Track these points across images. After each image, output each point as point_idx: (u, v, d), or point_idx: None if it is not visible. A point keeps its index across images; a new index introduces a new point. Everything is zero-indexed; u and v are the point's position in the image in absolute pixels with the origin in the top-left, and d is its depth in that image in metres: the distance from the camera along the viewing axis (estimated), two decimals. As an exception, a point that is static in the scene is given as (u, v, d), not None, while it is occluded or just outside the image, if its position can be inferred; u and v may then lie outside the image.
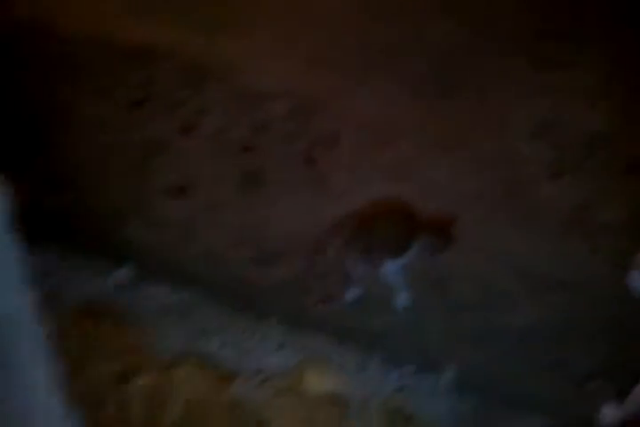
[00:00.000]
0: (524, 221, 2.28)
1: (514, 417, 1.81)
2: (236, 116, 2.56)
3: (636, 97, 2.75)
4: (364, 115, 2.60)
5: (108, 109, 2.57)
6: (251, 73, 2.71)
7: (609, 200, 2.35)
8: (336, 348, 1.91)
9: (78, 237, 2.22)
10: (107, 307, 2.01)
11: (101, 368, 1.83)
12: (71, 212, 2.29)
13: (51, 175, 2.38)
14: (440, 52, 2.89)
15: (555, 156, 2.50)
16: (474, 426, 1.81)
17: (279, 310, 2.00)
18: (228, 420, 1.79)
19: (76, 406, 0.96)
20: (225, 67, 2.72)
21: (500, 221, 2.28)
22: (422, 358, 1.90)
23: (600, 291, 2.08)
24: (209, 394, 1.80)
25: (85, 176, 2.40)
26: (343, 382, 1.81)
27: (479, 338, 1.94)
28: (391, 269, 1.94)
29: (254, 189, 2.33)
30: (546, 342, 1.96)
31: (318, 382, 1.82)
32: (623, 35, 2.87)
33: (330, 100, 2.64)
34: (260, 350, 1.92)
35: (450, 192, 2.36)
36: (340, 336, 1.93)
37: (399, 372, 1.84)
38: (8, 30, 2.70)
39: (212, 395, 1.80)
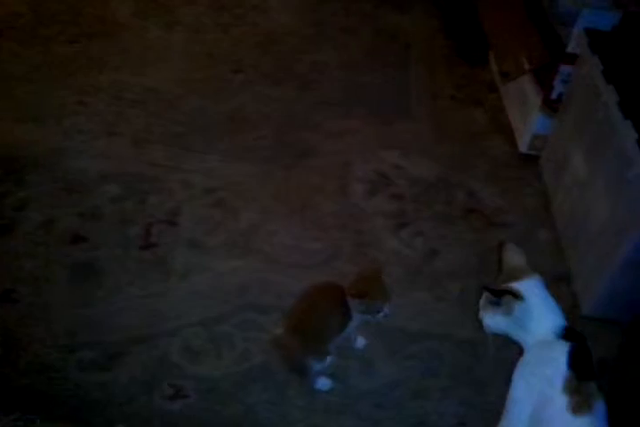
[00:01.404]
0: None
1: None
2: (63, 205, 2.39)
3: (466, 143, 2.91)
4: (201, 186, 2.54)
5: None
6: (75, 157, 2.59)
7: (452, 246, 2.40)
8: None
9: None
10: None
11: None
12: None
13: None
14: (278, 119, 2.93)
15: (396, 208, 2.55)
16: None
17: (126, 415, 1.81)
18: None
19: None
20: (47, 154, 2.58)
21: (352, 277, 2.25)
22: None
23: (451, 337, 2.08)
24: None
25: None
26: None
27: (337, 412, 1.86)
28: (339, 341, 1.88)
29: (89, 283, 2.15)
30: (405, 398, 1.91)
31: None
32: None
33: (163, 176, 2.57)
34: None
35: (301, 253, 2.32)
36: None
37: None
38: None
39: None
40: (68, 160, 2.59)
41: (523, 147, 2.80)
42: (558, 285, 2.27)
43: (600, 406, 1.36)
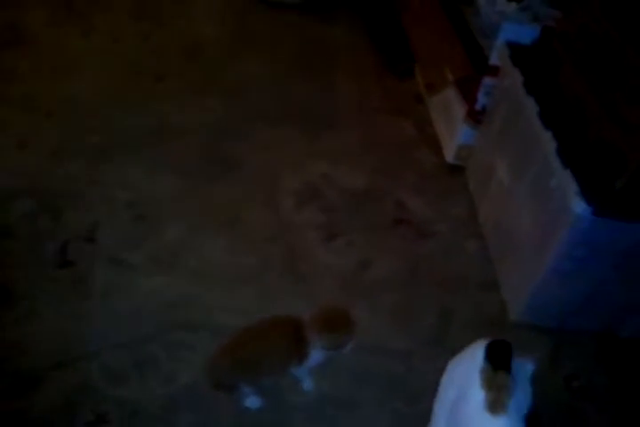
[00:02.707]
0: (306, 287, 2.22)
1: None
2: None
3: (394, 154, 2.92)
4: (121, 200, 2.43)
5: None
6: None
7: (383, 256, 2.39)
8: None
9: None
10: None
11: None
12: None
13: None
14: (203, 130, 2.85)
15: (326, 219, 2.52)
16: None
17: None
18: None
19: None
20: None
21: (286, 290, 2.20)
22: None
23: (383, 348, 2.06)
24: None
25: None
26: None
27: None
28: (298, 372, 1.81)
29: (4, 308, 2.00)
30: (338, 411, 1.88)
31: None
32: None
33: (80, 190, 2.44)
34: None
35: (230, 268, 2.25)
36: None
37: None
38: None
39: None
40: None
41: (449, 157, 2.84)
42: (487, 292, 2.30)
43: (514, 406, 1.35)
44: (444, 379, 1.56)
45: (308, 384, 1.90)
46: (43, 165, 2.52)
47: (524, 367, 1.48)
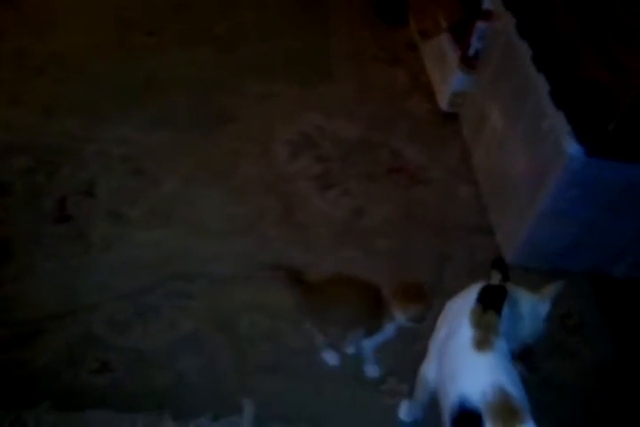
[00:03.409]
0: (303, 235, 2.25)
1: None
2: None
3: (388, 103, 2.90)
4: (118, 155, 2.44)
5: None
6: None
7: (377, 204, 2.41)
8: (123, 418, 1.70)
9: None
10: None
11: None
12: None
13: None
14: (196, 83, 2.83)
15: (321, 169, 2.52)
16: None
17: (52, 393, 1.74)
18: None
19: None
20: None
21: (282, 238, 2.23)
22: (219, 401, 1.77)
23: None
24: None
25: None
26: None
27: (274, 368, 1.86)
28: (367, 345, 1.78)
29: (3, 263, 2.03)
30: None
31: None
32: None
33: (76, 146, 2.44)
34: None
35: (227, 219, 2.27)
36: (126, 404, 1.73)
37: (194, 425, 1.68)
38: None
39: None
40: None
41: (443, 105, 2.82)
42: (482, 237, 2.33)
43: (501, 344, 1.39)
44: (439, 319, 1.60)
45: (373, 370, 1.87)
46: (36, 122, 2.52)
47: (538, 307, 1.53)
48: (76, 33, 3.02)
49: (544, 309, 1.55)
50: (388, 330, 1.71)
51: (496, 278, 1.53)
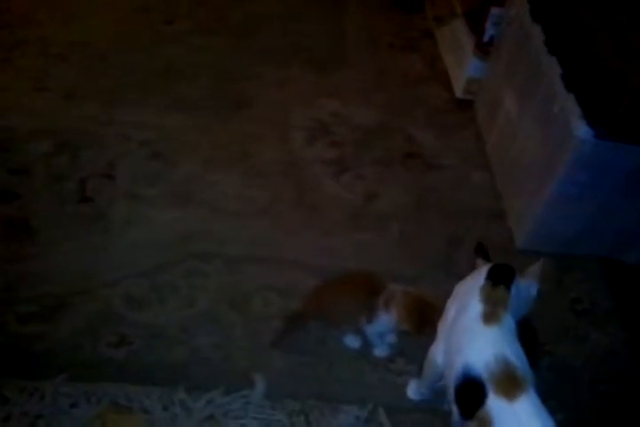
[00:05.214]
0: (317, 218, 2.29)
1: (333, 409, 1.77)
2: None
3: (404, 89, 2.92)
4: (137, 139, 2.50)
5: None
6: (1, 115, 2.50)
7: (391, 189, 2.44)
8: (138, 391, 1.76)
9: None
10: None
11: None
12: None
13: None
14: (214, 70, 2.88)
15: (336, 154, 2.56)
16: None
17: (70, 365, 1.80)
18: None
19: None
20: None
21: (296, 221, 2.27)
22: (231, 376, 1.82)
23: (390, 273, 2.08)
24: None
25: None
26: (148, 425, 1.67)
27: (285, 346, 1.90)
28: (369, 330, 1.86)
29: (23, 239, 2.10)
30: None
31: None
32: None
33: (97, 130, 2.51)
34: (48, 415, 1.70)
35: (243, 201, 2.32)
36: (141, 378, 1.79)
37: (206, 399, 1.74)
38: None
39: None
40: (-6, 117, 2.51)
41: (458, 92, 2.83)
42: (494, 222, 2.35)
43: (508, 319, 1.42)
44: (448, 301, 1.63)
45: (380, 350, 1.92)
46: (59, 107, 2.59)
47: (529, 289, 1.57)
48: (100, 21, 3.09)
49: (534, 289, 1.58)
50: (385, 322, 1.79)
51: (481, 264, 1.57)
